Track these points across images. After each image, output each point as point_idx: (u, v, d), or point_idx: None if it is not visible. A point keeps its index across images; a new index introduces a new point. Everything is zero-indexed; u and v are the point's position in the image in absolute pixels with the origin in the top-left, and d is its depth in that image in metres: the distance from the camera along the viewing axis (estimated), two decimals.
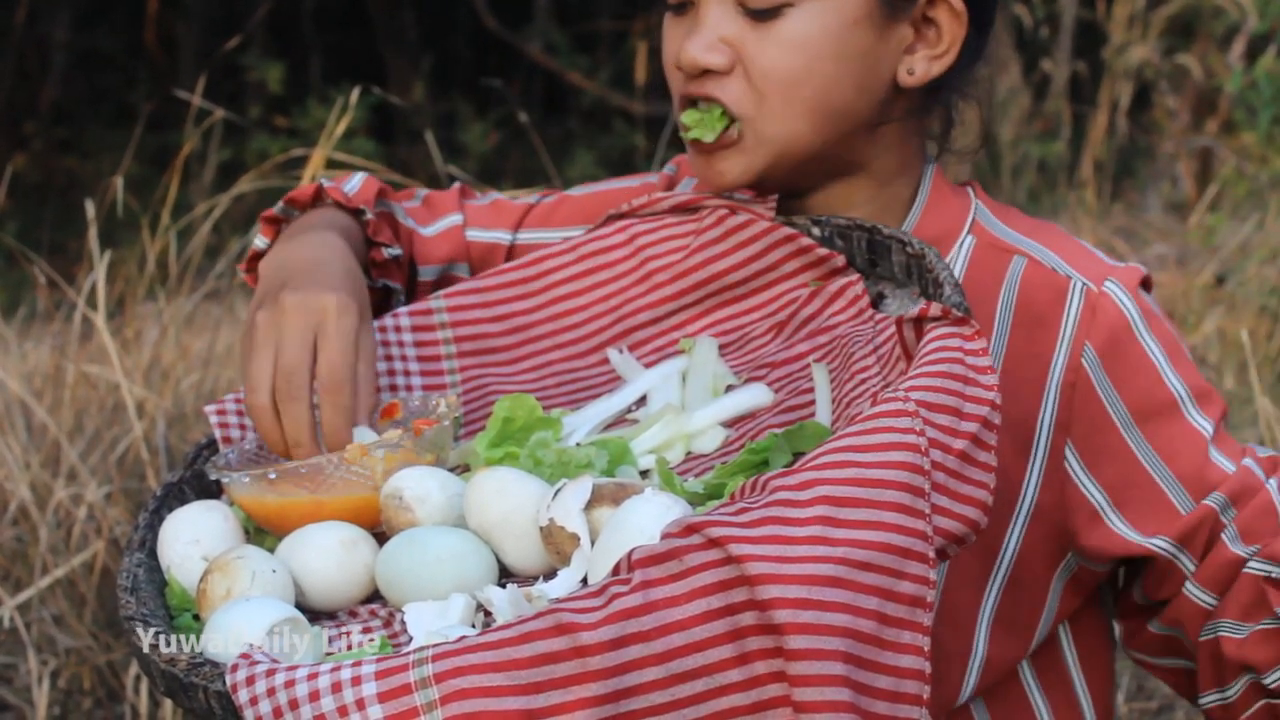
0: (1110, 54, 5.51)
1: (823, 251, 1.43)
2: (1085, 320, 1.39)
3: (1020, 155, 5.71)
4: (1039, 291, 1.41)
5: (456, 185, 1.72)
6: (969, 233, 1.47)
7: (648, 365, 1.48)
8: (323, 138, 3.05)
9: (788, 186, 1.47)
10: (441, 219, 1.65)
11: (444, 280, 1.63)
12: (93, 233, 2.84)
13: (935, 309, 1.21)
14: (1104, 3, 5.51)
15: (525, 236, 1.65)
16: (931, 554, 1.09)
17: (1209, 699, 1.42)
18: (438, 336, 1.52)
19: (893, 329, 1.29)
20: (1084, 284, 1.40)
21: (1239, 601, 1.37)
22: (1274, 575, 1.33)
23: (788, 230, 1.44)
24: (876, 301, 1.41)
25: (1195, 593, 1.40)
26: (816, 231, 1.45)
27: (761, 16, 1.39)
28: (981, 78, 1.51)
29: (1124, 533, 1.39)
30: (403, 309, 1.52)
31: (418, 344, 1.51)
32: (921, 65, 1.43)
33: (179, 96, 3.45)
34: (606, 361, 1.50)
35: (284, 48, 8.51)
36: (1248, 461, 1.40)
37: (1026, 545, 1.41)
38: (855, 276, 1.41)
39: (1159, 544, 1.38)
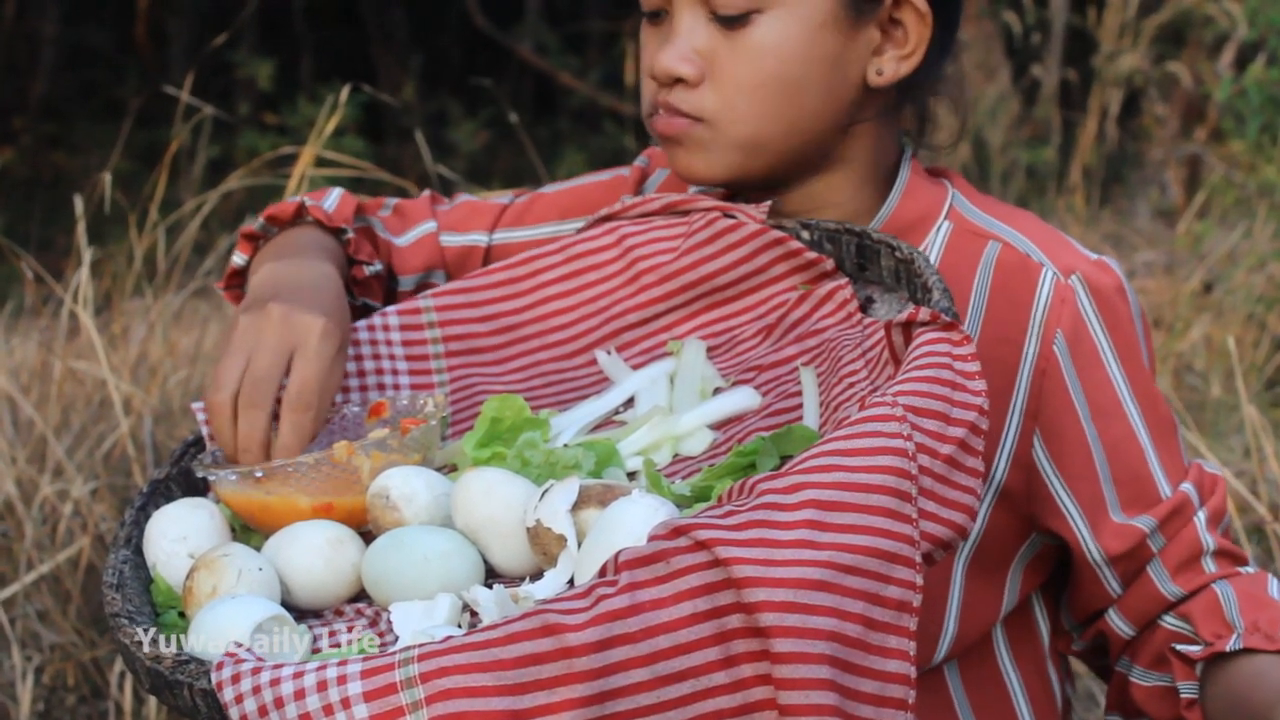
0: (1100, 61, 5.52)
1: (812, 255, 1.43)
2: (1055, 308, 1.40)
3: (1009, 161, 5.72)
4: (1012, 276, 1.43)
5: (426, 193, 1.72)
6: (945, 219, 1.48)
7: (636, 367, 1.48)
8: (312, 135, 3.05)
9: (766, 182, 1.48)
10: (415, 228, 1.65)
11: (422, 289, 1.63)
12: (80, 228, 2.84)
13: (924, 314, 1.22)
14: (1094, 10, 5.52)
15: (501, 236, 1.66)
16: (918, 558, 1.09)
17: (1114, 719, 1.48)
18: (425, 336, 1.52)
19: (881, 333, 1.30)
20: (1054, 273, 1.41)
21: (1149, 651, 1.42)
22: (1180, 649, 1.36)
23: (777, 234, 1.44)
24: (865, 306, 1.41)
25: (1117, 622, 1.43)
26: (805, 235, 1.45)
27: (731, 24, 1.41)
28: (952, 74, 1.53)
29: (1078, 529, 1.41)
30: (391, 308, 1.52)
31: (406, 343, 1.51)
32: (890, 66, 1.45)
33: (168, 92, 3.44)
34: (594, 363, 1.50)
35: (274, 45, 8.49)
36: (1185, 486, 1.41)
37: (993, 525, 1.43)
38: (844, 280, 1.42)
39: (1095, 555, 1.41)
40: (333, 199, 1.58)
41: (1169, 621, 1.40)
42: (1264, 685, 1.28)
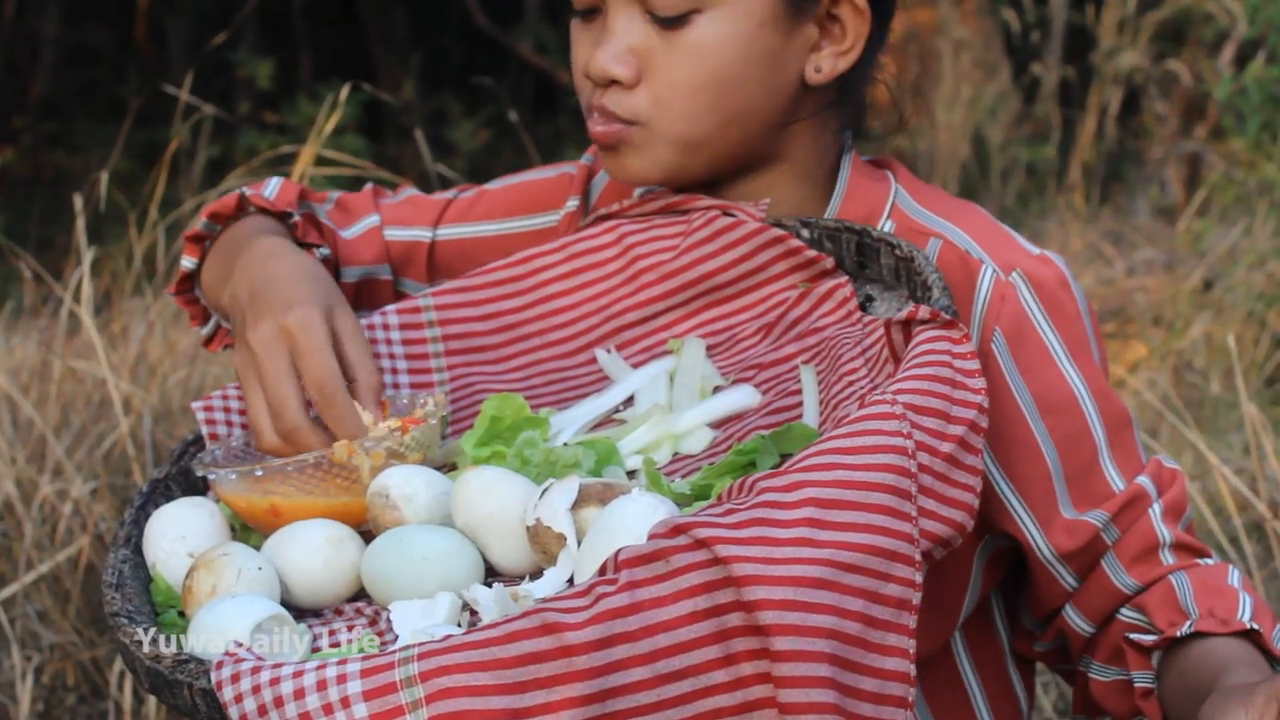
0: (1100, 59, 5.53)
1: (811, 253, 1.43)
2: (994, 305, 1.38)
3: (1009, 159, 5.73)
4: (953, 274, 1.40)
5: (369, 186, 1.71)
6: (888, 218, 1.47)
7: (635, 365, 1.48)
8: (312, 134, 3.05)
9: (704, 180, 1.48)
10: (359, 221, 1.64)
11: (366, 283, 1.63)
12: (80, 227, 2.84)
13: (923, 312, 1.22)
14: (1094, 7, 5.52)
15: (445, 232, 1.65)
16: (918, 557, 1.09)
17: None
18: (425, 335, 1.52)
19: (881, 331, 1.30)
20: (994, 270, 1.39)
21: (1107, 645, 1.40)
22: (1133, 638, 1.34)
23: (777, 231, 1.44)
24: (865, 304, 1.41)
25: (1075, 619, 1.41)
26: (805, 233, 1.45)
27: (669, 25, 1.40)
28: (885, 63, 1.51)
29: (1028, 529, 1.39)
30: (390, 307, 1.52)
31: (405, 342, 1.51)
32: (828, 63, 1.44)
33: (168, 92, 3.44)
34: (594, 361, 1.50)
35: (274, 44, 8.49)
36: (1141, 480, 1.39)
37: None
38: (844, 279, 1.42)
39: (1046, 554, 1.39)
40: (272, 187, 1.56)
41: (1125, 614, 1.38)
42: (1212, 658, 1.26)
